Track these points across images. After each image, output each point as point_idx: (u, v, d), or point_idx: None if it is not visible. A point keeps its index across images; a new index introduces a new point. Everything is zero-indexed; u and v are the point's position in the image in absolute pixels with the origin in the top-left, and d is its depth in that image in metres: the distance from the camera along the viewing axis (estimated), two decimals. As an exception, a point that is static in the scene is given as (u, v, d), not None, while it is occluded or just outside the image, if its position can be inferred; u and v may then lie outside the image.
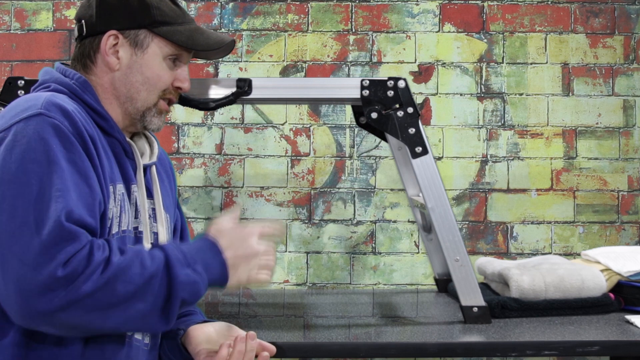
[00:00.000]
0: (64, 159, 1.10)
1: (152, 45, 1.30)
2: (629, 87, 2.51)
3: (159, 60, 1.31)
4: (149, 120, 1.32)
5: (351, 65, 2.51)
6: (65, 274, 1.03)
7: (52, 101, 1.15)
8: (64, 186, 1.08)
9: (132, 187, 1.29)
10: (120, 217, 1.23)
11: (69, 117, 1.14)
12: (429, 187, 1.60)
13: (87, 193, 1.12)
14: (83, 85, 1.27)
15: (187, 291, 1.12)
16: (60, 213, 1.06)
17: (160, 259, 1.12)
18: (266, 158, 2.50)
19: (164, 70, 1.32)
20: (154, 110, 1.32)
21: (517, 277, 1.73)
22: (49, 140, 1.10)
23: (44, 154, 1.09)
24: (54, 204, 1.06)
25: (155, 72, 1.31)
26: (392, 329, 1.60)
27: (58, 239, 1.04)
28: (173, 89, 1.34)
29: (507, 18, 2.52)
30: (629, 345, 1.48)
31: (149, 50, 1.30)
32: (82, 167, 1.13)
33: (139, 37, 1.30)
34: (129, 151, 1.31)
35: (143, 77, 1.30)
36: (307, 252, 2.48)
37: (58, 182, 1.08)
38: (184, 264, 1.13)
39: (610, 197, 2.50)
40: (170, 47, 1.31)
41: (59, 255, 1.04)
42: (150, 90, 1.31)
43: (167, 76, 1.32)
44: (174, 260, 1.12)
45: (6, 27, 2.50)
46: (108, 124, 1.27)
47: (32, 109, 1.13)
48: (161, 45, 1.30)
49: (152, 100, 1.31)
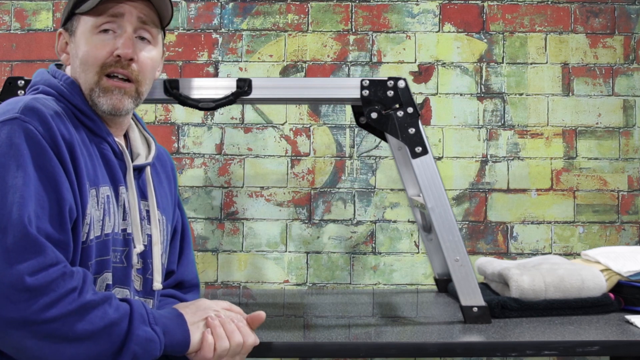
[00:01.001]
0: (33, 165, 1.10)
1: (78, 27, 1.30)
2: (629, 87, 2.51)
3: (87, 37, 1.29)
4: (96, 102, 1.28)
5: (351, 65, 2.51)
6: (33, 285, 1.02)
7: (31, 105, 1.15)
8: (28, 193, 1.07)
9: (120, 189, 1.28)
10: (103, 220, 1.22)
11: (44, 122, 1.14)
12: (429, 187, 1.60)
13: (53, 200, 1.11)
14: (70, 86, 1.27)
15: (141, 346, 1.13)
16: (24, 220, 1.05)
17: (124, 310, 1.13)
18: (266, 158, 2.50)
19: (93, 45, 1.28)
20: (97, 89, 1.28)
21: (517, 277, 1.73)
22: (19, 145, 1.10)
23: (12, 159, 1.09)
24: (17, 210, 1.05)
25: (84, 49, 1.28)
26: (392, 329, 1.60)
27: (22, 248, 1.04)
28: (114, 59, 1.28)
29: (507, 18, 2.52)
30: (629, 345, 1.48)
31: (77, 31, 1.30)
32: (50, 174, 1.12)
33: (72, 25, 1.31)
34: (118, 152, 1.30)
35: (79, 60, 1.29)
36: (307, 252, 2.48)
37: (23, 189, 1.07)
38: (145, 321, 1.14)
39: (610, 197, 2.50)
40: (89, 18, 1.28)
41: (23, 264, 1.03)
42: (87, 69, 1.28)
43: (100, 50, 1.27)
44: (136, 314, 1.13)
45: (6, 27, 2.50)
46: (95, 124, 1.27)
47: (10, 113, 1.14)
48: (84, 22, 1.29)
49: (91, 79, 1.28)
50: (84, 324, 1.07)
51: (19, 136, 1.11)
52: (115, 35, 1.28)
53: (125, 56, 1.27)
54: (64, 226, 1.12)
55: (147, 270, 1.33)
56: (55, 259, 1.07)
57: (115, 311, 1.12)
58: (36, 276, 1.03)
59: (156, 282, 1.34)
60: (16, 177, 1.08)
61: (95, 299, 1.10)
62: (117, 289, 1.27)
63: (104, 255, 1.23)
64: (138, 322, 1.13)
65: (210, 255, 2.48)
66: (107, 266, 1.24)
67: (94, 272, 1.21)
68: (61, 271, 1.06)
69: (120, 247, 1.27)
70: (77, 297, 1.07)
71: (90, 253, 1.19)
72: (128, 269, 1.29)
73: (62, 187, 1.12)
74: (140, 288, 1.33)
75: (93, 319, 1.08)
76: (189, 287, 1.52)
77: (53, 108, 1.19)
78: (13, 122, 1.12)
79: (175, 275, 1.50)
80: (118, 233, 1.26)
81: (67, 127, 1.18)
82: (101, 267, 1.23)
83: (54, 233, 1.09)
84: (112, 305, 1.12)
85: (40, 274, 1.03)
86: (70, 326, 1.06)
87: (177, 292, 1.49)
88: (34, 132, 1.12)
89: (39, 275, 1.03)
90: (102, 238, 1.21)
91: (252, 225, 2.48)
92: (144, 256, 1.33)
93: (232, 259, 2.48)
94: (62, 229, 1.12)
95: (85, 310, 1.08)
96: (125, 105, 1.29)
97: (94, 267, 1.21)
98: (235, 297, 2.08)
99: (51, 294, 1.04)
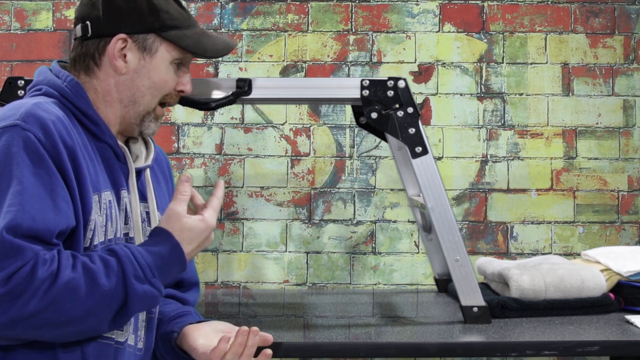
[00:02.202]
0: (29, 173, 1.08)
1: (160, 50, 1.29)
2: (629, 87, 2.51)
3: (167, 65, 1.30)
4: (146, 125, 1.31)
5: (351, 65, 2.51)
6: (6, 291, 1.01)
7: (32, 112, 1.13)
8: (17, 202, 1.06)
9: (121, 193, 1.27)
10: (106, 226, 1.21)
11: (45, 129, 1.12)
12: (429, 187, 1.60)
13: (49, 207, 1.09)
14: (74, 88, 1.24)
15: (143, 304, 1.13)
16: (2, 228, 1.03)
17: (116, 275, 1.10)
18: (266, 158, 2.50)
19: (170, 75, 1.31)
20: (152, 115, 1.31)
21: (517, 277, 1.73)
22: (16, 154, 1.09)
23: (6, 167, 1.08)
24: (2, 219, 1.04)
25: (162, 76, 1.29)
26: (392, 329, 1.60)
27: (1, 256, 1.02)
28: (175, 92, 1.33)
29: (507, 18, 2.52)
30: (629, 345, 1.48)
31: (157, 54, 1.29)
32: (47, 182, 1.10)
33: (148, 42, 1.28)
34: (120, 155, 1.29)
35: (150, 82, 1.29)
36: (307, 252, 2.48)
37: (12, 198, 1.06)
38: (142, 279, 1.12)
39: (610, 197, 2.50)
40: (178, 51, 1.30)
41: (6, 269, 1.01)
42: (155, 94, 1.30)
43: (172, 80, 1.31)
44: (130, 276, 1.11)
45: (6, 27, 2.50)
46: (99, 128, 1.25)
47: (10, 119, 1.12)
48: (169, 50, 1.29)
49: (153, 104, 1.31)
50: (75, 306, 1.06)
51: (18, 144, 1.09)
52: (179, 68, 1.33)
53: (188, 93, 1.36)
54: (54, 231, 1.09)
55: None
56: (32, 255, 1.04)
57: (107, 280, 1.09)
58: (11, 278, 1.02)
59: None
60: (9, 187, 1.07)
61: (75, 276, 1.06)
62: None
63: None
64: (135, 285, 1.11)
65: (210, 255, 2.48)
66: None
67: None
68: (31, 265, 1.03)
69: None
70: (54, 281, 1.04)
71: None
72: None
73: (58, 197, 1.11)
74: None
75: (82, 299, 1.06)
76: (188, 286, 1.52)
77: (55, 113, 1.16)
78: (13, 130, 1.10)
79: (174, 275, 1.49)
80: (120, 238, 1.25)
81: (69, 133, 1.16)
82: None
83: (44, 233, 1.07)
84: (101, 274, 1.08)
85: (15, 275, 1.02)
86: (61, 311, 1.05)
87: (176, 292, 1.48)
88: (33, 140, 1.10)
89: (14, 277, 1.02)
90: (106, 244, 1.21)
91: (252, 225, 2.48)
92: None
93: (232, 259, 2.48)
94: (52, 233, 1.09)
95: (69, 290, 1.05)
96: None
97: None
98: (235, 297, 2.08)
99: (28, 288, 1.02)
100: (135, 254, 1.14)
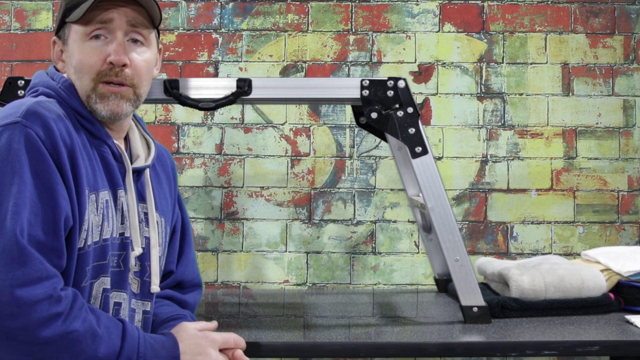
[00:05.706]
0: (30, 172, 1.10)
1: (70, 35, 1.30)
2: (629, 87, 2.51)
3: (78, 45, 1.29)
4: (94, 108, 1.28)
5: (351, 65, 2.51)
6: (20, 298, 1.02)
7: (34, 110, 1.15)
8: (22, 201, 1.07)
9: (118, 193, 1.28)
10: (102, 225, 1.21)
11: (46, 128, 1.14)
12: (429, 187, 1.60)
13: (48, 207, 1.10)
14: (68, 89, 1.27)
15: None
16: (15, 229, 1.05)
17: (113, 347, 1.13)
18: (266, 158, 2.50)
19: (86, 53, 1.28)
20: (94, 96, 1.28)
21: (517, 277, 1.73)
22: (18, 151, 1.10)
23: (9, 164, 1.09)
24: (10, 218, 1.05)
25: (77, 58, 1.29)
26: (392, 329, 1.60)
27: (10, 258, 1.04)
28: (108, 67, 1.28)
29: (507, 18, 2.52)
30: (629, 345, 1.48)
31: (69, 40, 1.31)
32: (47, 181, 1.11)
33: (64, 33, 1.32)
34: (117, 155, 1.30)
35: (73, 68, 1.29)
36: (307, 252, 2.48)
37: (17, 196, 1.07)
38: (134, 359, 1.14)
39: (610, 197, 2.50)
40: (78, 27, 1.29)
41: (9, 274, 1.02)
42: (82, 77, 1.28)
43: (93, 57, 1.27)
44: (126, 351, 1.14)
45: (6, 27, 2.50)
46: (94, 127, 1.26)
47: (12, 117, 1.13)
48: (74, 30, 1.30)
49: (87, 86, 1.28)
50: (69, 356, 1.08)
51: (19, 141, 1.11)
52: (107, 41, 1.28)
53: (118, 62, 1.27)
54: (57, 233, 1.11)
55: (144, 273, 1.33)
56: (44, 272, 1.06)
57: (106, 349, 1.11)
58: (23, 289, 1.03)
59: (154, 285, 1.34)
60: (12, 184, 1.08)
61: (80, 330, 1.09)
62: (114, 292, 1.26)
63: (101, 260, 1.22)
64: None
65: (210, 255, 2.48)
66: (105, 270, 1.24)
67: (90, 277, 1.20)
68: (49, 293, 1.05)
69: (117, 251, 1.27)
70: (61, 325, 1.06)
71: (88, 258, 1.19)
72: (125, 273, 1.28)
73: (58, 195, 1.12)
74: (137, 291, 1.33)
75: (79, 353, 1.08)
76: (189, 287, 1.51)
77: (56, 112, 1.18)
78: (14, 127, 1.12)
79: (174, 275, 1.49)
80: (116, 237, 1.26)
81: (69, 132, 1.18)
82: (98, 271, 1.22)
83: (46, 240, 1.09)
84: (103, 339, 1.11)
85: (26, 288, 1.03)
86: (55, 354, 1.07)
87: (175, 293, 1.48)
88: (34, 138, 1.12)
89: (25, 288, 1.03)
90: (101, 243, 1.21)
91: (252, 225, 2.48)
92: (142, 259, 1.33)
93: (232, 259, 2.48)
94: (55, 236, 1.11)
95: (70, 341, 1.07)
96: (124, 109, 1.29)
97: (91, 272, 1.20)
98: (235, 297, 2.08)
99: (33, 315, 1.03)
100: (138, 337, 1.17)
